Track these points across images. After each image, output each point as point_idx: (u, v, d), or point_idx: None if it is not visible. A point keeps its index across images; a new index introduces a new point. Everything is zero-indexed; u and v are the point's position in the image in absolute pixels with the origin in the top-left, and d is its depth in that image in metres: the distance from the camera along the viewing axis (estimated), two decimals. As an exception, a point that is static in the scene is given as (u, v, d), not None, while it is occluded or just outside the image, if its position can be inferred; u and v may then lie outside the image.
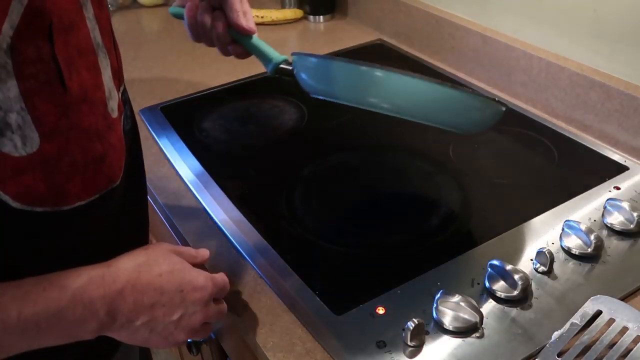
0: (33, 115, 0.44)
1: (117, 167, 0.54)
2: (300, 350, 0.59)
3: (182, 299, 0.53)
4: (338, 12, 1.40)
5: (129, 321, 0.50)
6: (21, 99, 0.43)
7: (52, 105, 0.45)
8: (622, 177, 0.79)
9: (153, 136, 0.94)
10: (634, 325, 0.57)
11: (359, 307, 0.61)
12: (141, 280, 0.50)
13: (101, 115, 0.51)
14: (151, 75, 1.15)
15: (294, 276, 0.66)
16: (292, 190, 0.80)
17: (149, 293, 0.51)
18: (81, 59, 0.48)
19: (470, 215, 0.75)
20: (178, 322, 0.53)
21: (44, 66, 0.44)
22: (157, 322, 0.52)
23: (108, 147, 0.52)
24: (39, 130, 0.45)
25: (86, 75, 0.49)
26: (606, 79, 0.87)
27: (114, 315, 0.49)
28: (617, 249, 0.68)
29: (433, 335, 0.58)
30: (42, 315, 0.44)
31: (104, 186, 0.52)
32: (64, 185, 0.48)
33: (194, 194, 0.81)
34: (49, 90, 0.45)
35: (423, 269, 0.66)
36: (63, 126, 0.47)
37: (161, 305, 0.51)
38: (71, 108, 0.47)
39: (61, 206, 0.49)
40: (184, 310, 0.53)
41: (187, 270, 0.54)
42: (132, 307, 0.50)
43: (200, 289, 0.54)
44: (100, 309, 0.47)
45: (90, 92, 0.49)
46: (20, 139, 0.44)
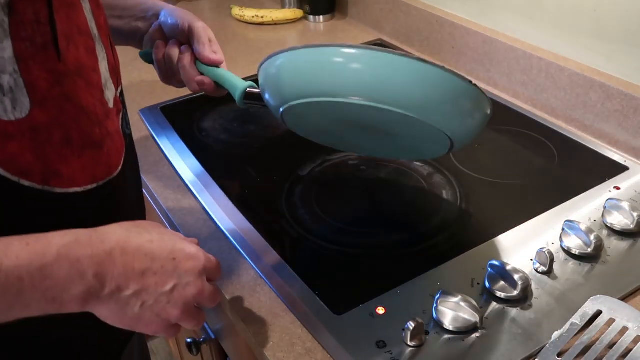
0: (26, 78, 0.43)
1: (116, 158, 0.53)
2: (300, 350, 0.59)
3: (175, 267, 0.49)
4: (338, 12, 1.40)
5: (118, 289, 0.46)
6: (15, 61, 0.42)
7: (45, 71, 0.45)
8: (622, 177, 0.79)
9: (153, 136, 0.94)
10: (634, 325, 0.57)
11: (359, 307, 0.61)
12: (131, 244, 0.47)
13: (98, 100, 0.51)
14: (151, 75, 1.14)
15: (294, 276, 0.66)
16: (292, 190, 0.81)
17: (139, 258, 0.47)
18: (81, 38, 0.48)
19: (471, 215, 0.75)
20: (171, 294, 0.49)
21: (40, 29, 0.44)
22: (149, 292, 0.48)
23: (106, 135, 0.52)
24: (31, 96, 0.44)
25: (84, 54, 0.49)
26: (606, 79, 0.87)
27: (103, 279, 0.45)
28: (617, 249, 0.68)
29: (433, 335, 0.58)
30: (25, 269, 0.41)
31: (102, 176, 0.51)
32: (56, 163, 0.47)
33: (194, 194, 0.81)
34: (43, 55, 0.44)
35: (423, 269, 0.66)
36: (56, 95, 0.46)
37: (153, 273, 0.48)
38: (66, 78, 0.46)
39: (52, 185, 0.47)
40: (177, 280, 0.49)
41: (179, 240, 0.51)
42: (121, 271, 0.46)
43: (193, 258, 0.51)
44: (88, 269, 0.44)
45: (86, 70, 0.49)
46: (11, 102, 0.43)
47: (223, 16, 1.43)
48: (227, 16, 1.43)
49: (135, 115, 0.99)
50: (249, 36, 1.33)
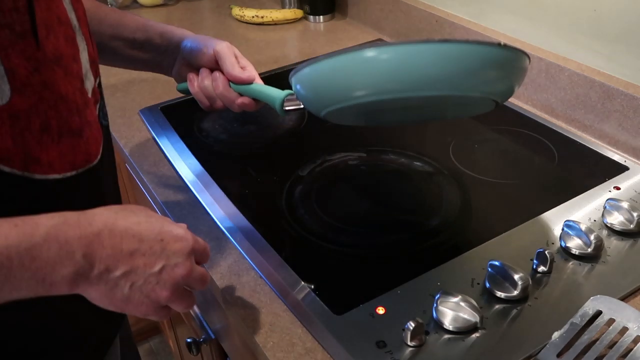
0: (6, 66, 0.44)
1: (95, 147, 0.54)
2: (300, 350, 0.59)
3: (163, 248, 0.49)
4: (338, 12, 1.40)
5: (107, 270, 0.46)
6: None
7: (24, 58, 0.46)
8: (622, 177, 0.79)
9: (153, 136, 0.94)
10: (634, 325, 0.57)
11: (359, 307, 0.61)
12: (118, 226, 0.47)
13: (78, 89, 0.52)
14: (151, 75, 1.15)
15: (294, 276, 0.66)
16: (292, 190, 0.81)
17: (127, 239, 0.47)
18: (61, 27, 0.49)
19: (471, 215, 0.75)
20: (159, 275, 0.49)
21: (19, 17, 0.45)
22: (138, 273, 0.48)
23: (85, 123, 0.52)
24: (11, 83, 0.45)
25: (63, 43, 0.50)
26: (606, 79, 0.87)
27: (92, 260, 0.45)
28: (617, 249, 0.68)
29: (433, 335, 0.58)
30: (14, 250, 0.42)
31: (81, 163, 0.52)
32: (36, 150, 0.48)
33: (194, 194, 0.81)
34: (22, 43, 0.45)
35: (423, 269, 0.66)
36: (35, 82, 0.47)
37: (141, 254, 0.48)
38: (44, 66, 0.47)
39: (32, 172, 0.48)
40: (165, 261, 0.49)
41: (166, 222, 0.51)
42: (110, 252, 0.46)
43: (181, 239, 0.51)
44: (76, 250, 0.44)
45: (66, 59, 0.50)
46: None
47: (223, 16, 1.43)
48: (227, 16, 1.43)
49: (135, 115, 0.99)
50: (249, 36, 1.33)
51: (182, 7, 1.50)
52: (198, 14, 1.47)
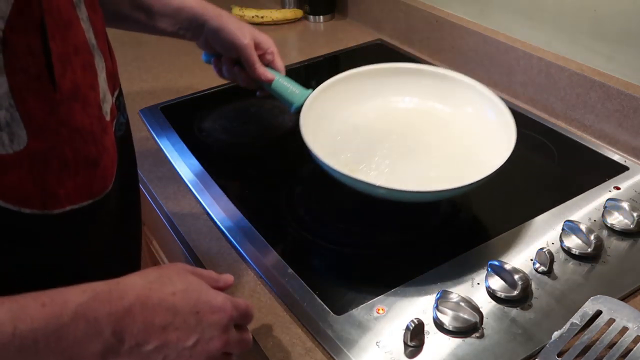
0: (22, 110, 0.43)
1: (110, 173, 0.53)
2: (300, 350, 0.59)
3: (198, 322, 0.47)
4: (338, 12, 1.40)
5: (138, 344, 0.45)
6: (10, 95, 0.42)
7: (40, 101, 0.44)
8: (622, 177, 0.79)
9: (153, 136, 0.94)
10: (634, 325, 0.57)
11: (359, 307, 0.61)
12: (152, 299, 0.46)
13: (95, 117, 0.50)
14: (151, 75, 1.15)
15: (294, 276, 0.66)
16: (292, 190, 0.80)
17: (160, 313, 0.46)
18: (78, 57, 0.48)
19: (471, 215, 0.75)
20: (193, 348, 0.47)
21: (34, 60, 0.43)
22: (170, 347, 0.46)
23: (102, 150, 0.51)
24: (27, 127, 0.43)
25: (81, 74, 0.48)
26: (606, 79, 0.87)
27: (122, 336, 0.44)
28: (617, 249, 0.68)
29: (433, 335, 0.58)
30: (40, 332, 0.41)
31: (98, 192, 0.51)
32: (55, 188, 0.46)
33: (194, 194, 0.81)
34: (38, 86, 0.44)
35: (423, 269, 0.66)
36: (52, 123, 0.45)
37: (174, 328, 0.46)
38: (61, 105, 0.46)
39: (51, 209, 0.46)
40: (199, 335, 0.47)
41: (204, 290, 0.49)
42: (141, 327, 0.45)
43: (219, 311, 0.49)
44: (105, 327, 0.43)
45: (83, 91, 0.48)
46: (8, 136, 0.42)
47: (223, 16, 1.43)
48: (227, 16, 1.42)
49: (135, 115, 0.99)
50: (249, 36, 1.33)
51: (182, 7, 1.49)
52: (198, 14, 1.47)
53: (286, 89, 0.77)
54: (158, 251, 1.03)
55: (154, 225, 0.93)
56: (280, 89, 0.77)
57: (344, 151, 0.75)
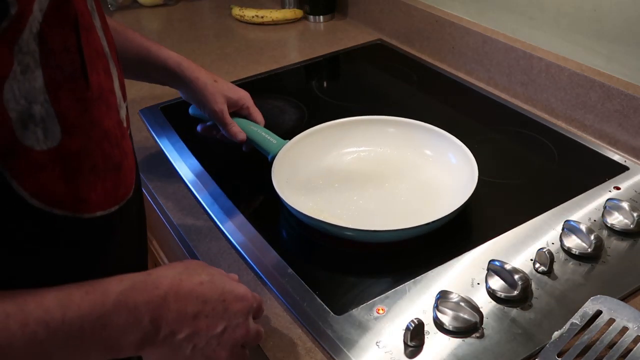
0: (56, 107, 0.43)
1: (130, 177, 0.54)
2: (300, 350, 0.59)
3: (225, 309, 0.50)
4: (338, 12, 1.40)
5: (172, 333, 0.47)
6: (45, 91, 0.42)
7: (74, 99, 0.45)
8: (622, 177, 0.79)
9: (153, 136, 0.94)
10: (634, 325, 0.57)
11: (359, 307, 0.61)
12: (183, 288, 0.48)
13: (116, 121, 0.51)
14: (151, 75, 1.15)
15: (294, 276, 0.66)
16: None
17: (191, 301, 0.48)
18: (99, 61, 0.48)
19: (471, 215, 0.75)
20: (221, 336, 0.50)
21: (69, 57, 0.44)
22: (200, 335, 0.49)
23: (123, 155, 0.52)
24: (61, 124, 0.44)
25: (104, 77, 0.49)
26: (606, 79, 0.87)
27: (158, 324, 0.46)
28: (617, 249, 0.68)
29: (433, 335, 0.58)
30: (86, 319, 0.43)
31: (122, 197, 0.52)
32: (86, 192, 0.47)
33: (194, 194, 0.81)
34: (72, 83, 0.44)
35: (423, 269, 0.66)
36: (85, 122, 0.46)
37: (204, 316, 0.49)
38: (92, 105, 0.47)
39: (81, 212, 0.47)
40: (227, 322, 0.50)
41: (227, 280, 0.52)
42: (175, 316, 0.47)
43: (242, 299, 0.52)
44: (144, 315, 0.45)
45: (106, 94, 0.49)
46: (43, 131, 0.43)
47: (223, 16, 1.43)
48: (227, 16, 1.43)
49: (135, 115, 0.99)
50: (249, 36, 1.33)
51: (182, 7, 1.50)
52: (198, 14, 1.47)
53: (263, 140, 0.82)
54: (158, 251, 1.03)
55: (154, 225, 0.92)
56: (257, 140, 0.82)
57: (314, 196, 0.78)
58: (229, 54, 1.23)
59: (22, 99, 0.41)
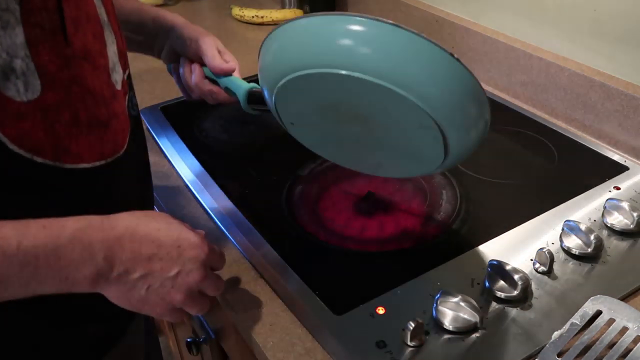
0: (37, 62, 0.46)
1: (122, 137, 0.56)
2: (300, 350, 0.59)
3: (179, 254, 0.52)
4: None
5: (126, 271, 0.49)
6: (26, 46, 0.45)
7: (54, 55, 0.48)
8: (622, 177, 0.79)
9: (153, 136, 0.94)
10: (634, 325, 0.57)
11: (359, 307, 0.61)
12: (139, 231, 0.50)
13: (105, 82, 0.54)
14: (151, 76, 1.15)
15: (294, 276, 0.66)
16: (292, 190, 0.80)
17: (146, 244, 0.50)
18: (89, 24, 0.51)
19: (470, 215, 0.75)
20: (175, 279, 0.52)
21: (49, 16, 0.47)
22: (155, 276, 0.51)
23: (112, 115, 0.55)
24: (41, 78, 0.47)
25: (91, 39, 0.52)
26: (606, 79, 0.87)
27: (112, 262, 0.48)
28: (617, 249, 0.68)
29: (433, 335, 0.58)
30: (41, 249, 0.45)
31: (109, 153, 0.54)
32: (66, 141, 0.50)
33: (194, 194, 0.81)
34: (52, 40, 0.47)
35: (423, 269, 0.66)
36: (64, 77, 0.49)
37: (158, 259, 0.51)
38: (73, 61, 0.49)
39: (62, 162, 0.50)
40: (181, 267, 0.52)
41: (184, 229, 0.54)
42: (129, 256, 0.49)
43: (197, 247, 0.54)
44: (98, 252, 0.48)
45: (93, 54, 0.52)
46: (23, 84, 0.46)
47: (223, 16, 1.43)
48: (227, 16, 1.42)
49: (135, 115, 0.99)
50: (249, 36, 1.33)
51: (182, 7, 1.49)
52: (198, 14, 1.47)
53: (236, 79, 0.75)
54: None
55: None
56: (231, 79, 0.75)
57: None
58: (229, 54, 1.23)
59: (3, 52, 0.44)
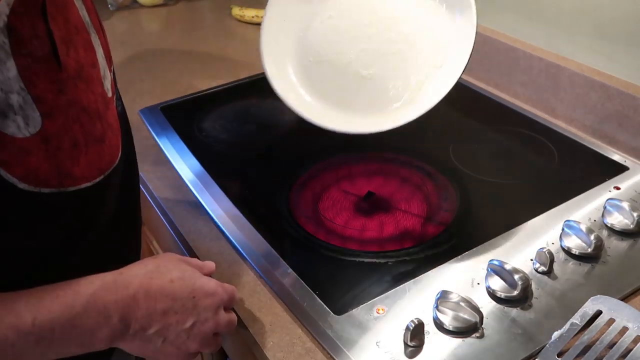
0: (33, 94, 0.45)
1: (115, 147, 0.55)
2: (300, 350, 0.59)
3: (195, 305, 0.53)
4: (338, 12, 1.40)
5: (142, 329, 0.50)
6: (20, 79, 0.43)
7: (49, 82, 0.46)
8: (622, 177, 0.79)
9: (153, 136, 0.94)
10: (634, 325, 0.57)
11: (359, 307, 0.61)
12: (153, 286, 0.50)
13: (99, 94, 0.52)
14: (151, 75, 1.15)
15: (294, 276, 0.66)
16: (292, 190, 0.81)
17: (161, 299, 0.50)
18: (78, 36, 0.49)
19: (470, 215, 0.75)
20: (190, 330, 0.53)
21: (39, 43, 0.45)
22: (170, 330, 0.51)
23: (107, 126, 0.53)
24: (40, 109, 0.45)
25: (83, 53, 0.50)
26: (606, 79, 0.87)
27: (128, 322, 0.49)
28: (617, 249, 0.68)
29: (433, 335, 0.58)
30: (57, 322, 0.45)
31: (107, 166, 0.53)
32: (68, 165, 0.49)
33: (194, 194, 0.81)
34: (45, 67, 0.45)
35: (423, 269, 0.66)
36: (62, 103, 0.47)
37: (174, 312, 0.51)
38: (67, 84, 0.48)
39: (66, 186, 0.49)
40: (196, 317, 0.53)
41: (198, 277, 0.54)
42: (145, 313, 0.49)
43: (212, 295, 0.54)
44: (114, 314, 0.47)
45: (86, 69, 0.50)
46: (23, 119, 0.44)
47: (223, 16, 1.43)
48: (227, 16, 1.43)
49: (135, 115, 0.99)
50: (249, 36, 1.33)
51: (182, 7, 1.50)
52: (198, 14, 1.47)
53: None
54: (158, 251, 1.03)
55: (154, 225, 0.93)
56: None
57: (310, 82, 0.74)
58: (229, 54, 1.23)
59: None
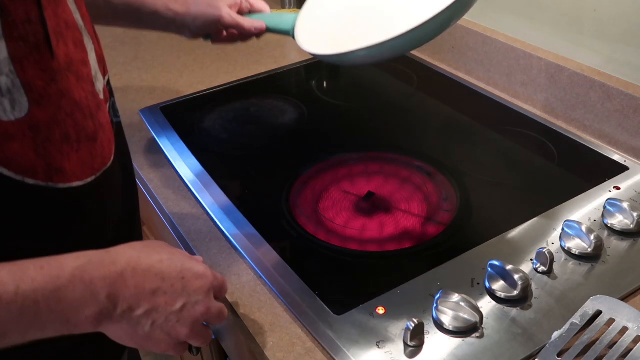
0: (22, 78, 0.44)
1: (108, 148, 0.55)
2: (300, 350, 0.59)
3: (184, 287, 0.50)
4: (338, 12, 1.40)
5: (130, 309, 0.47)
6: (10, 62, 0.43)
7: (40, 69, 0.45)
8: (622, 177, 0.79)
9: (153, 136, 0.94)
10: (634, 325, 0.57)
11: (359, 307, 0.61)
12: (141, 265, 0.48)
13: (90, 92, 0.52)
14: (151, 75, 1.15)
15: (294, 276, 0.66)
16: (292, 190, 0.81)
17: (150, 278, 0.49)
18: (68, 32, 0.49)
19: (470, 215, 0.75)
20: (180, 313, 0.50)
21: (32, 28, 0.44)
22: (159, 311, 0.49)
23: (99, 126, 0.53)
24: (28, 95, 0.45)
25: (73, 49, 0.50)
26: (606, 79, 0.87)
27: (115, 299, 0.46)
28: (617, 249, 0.68)
29: (433, 335, 0.58)
30: (40, 293, 0.43)
31: (99, 167, 0.53)
32: (58, 160, 0.48)
33: (194, 194, 0.81)
34: (37, 54, 0.45)
35: (423, 269, 0.66)
36: (52, 93, 0.47)
37: (163, 292, 0.49)
38: (59, 75, 0.47)
39: (56, 182, 0.48)
40: (186, 299, 0.50)
41: (187, 259, 0.53)
42: (133, 291, 0.47)
43: (202, 277, 0.52)
44: (101, 290, 0.45)
45: (76, 65, 0.50)
46: (10, 102, 0.44)
47: (223, 16, 1.43)
48: (227, 16, 1.42)
49: (136, 115, 0.99)
50: (249, 36, 1.32)
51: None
52: (198, 14, 1.47)
53: (279, 21, 0.81)
54: (158, 251, 1.03)
55: (154, 225, 0.92)
56: (273, 26, 0.81)
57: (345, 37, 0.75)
58: (229, 54, 1.23)
59: None
